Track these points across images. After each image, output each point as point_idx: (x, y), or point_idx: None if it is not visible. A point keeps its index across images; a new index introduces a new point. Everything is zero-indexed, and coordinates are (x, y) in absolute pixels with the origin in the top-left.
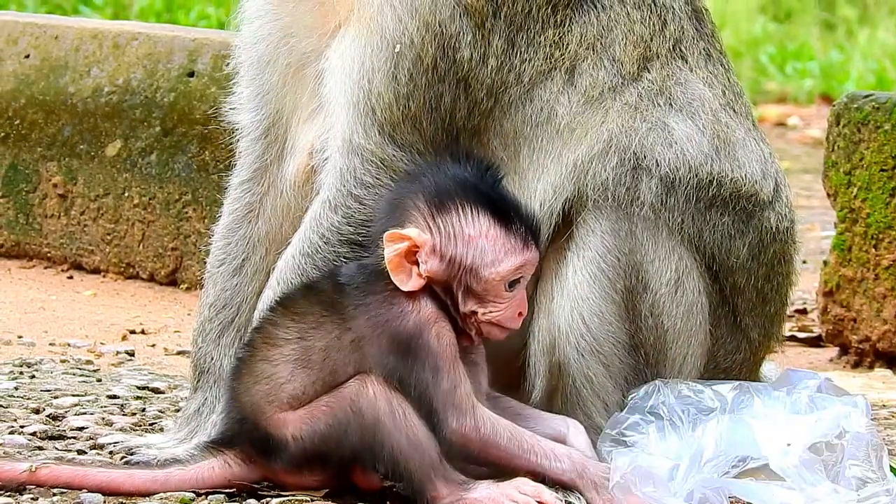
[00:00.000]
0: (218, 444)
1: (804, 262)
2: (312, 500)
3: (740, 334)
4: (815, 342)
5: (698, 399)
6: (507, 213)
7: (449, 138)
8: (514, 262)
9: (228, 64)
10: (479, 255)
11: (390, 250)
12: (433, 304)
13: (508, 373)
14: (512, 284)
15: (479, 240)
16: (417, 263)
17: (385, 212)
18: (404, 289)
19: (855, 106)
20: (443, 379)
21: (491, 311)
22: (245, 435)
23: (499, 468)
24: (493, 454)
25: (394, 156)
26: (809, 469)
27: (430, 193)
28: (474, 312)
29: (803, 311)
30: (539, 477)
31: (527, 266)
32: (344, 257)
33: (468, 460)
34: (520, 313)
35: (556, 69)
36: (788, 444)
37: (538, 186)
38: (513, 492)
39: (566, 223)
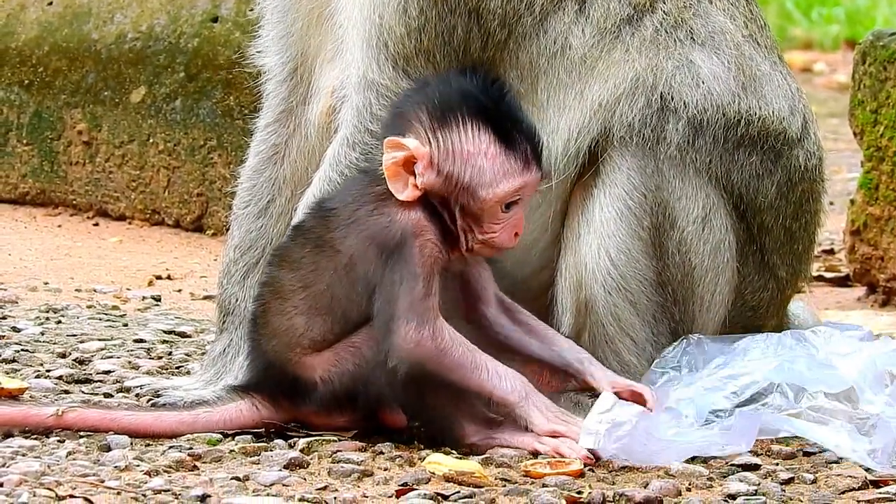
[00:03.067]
0: (244, 388)
1: (831, 203)
2: (340, 440)
3: (768, 272)
4: (842, 282)
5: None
6: (509, 131)
7: None
8: (512, 185)
9: (252, 9)
10: (476, 175)
11: (388, 157)
12: (423, 216)
13: (536, 310)
14: (509, 206)
15: (477, 158)
16: (415, 174)
17: (388, 119)
18: (399, 197)
19: (881, 44)
20: (415, 286)
21: (486, 232)
22: (272, 380)
23: (446, 384)
24: (445, 365)
25: None
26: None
27: (433, 105)
28: (469, 230)
29: (830, 252)
30: (486, 396)
31: (526, 188)
32: None
33: (416, 372)
34: (516, 234)
35: None
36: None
37: (560, 123)
38: (537, 439)
39: (592, 161)
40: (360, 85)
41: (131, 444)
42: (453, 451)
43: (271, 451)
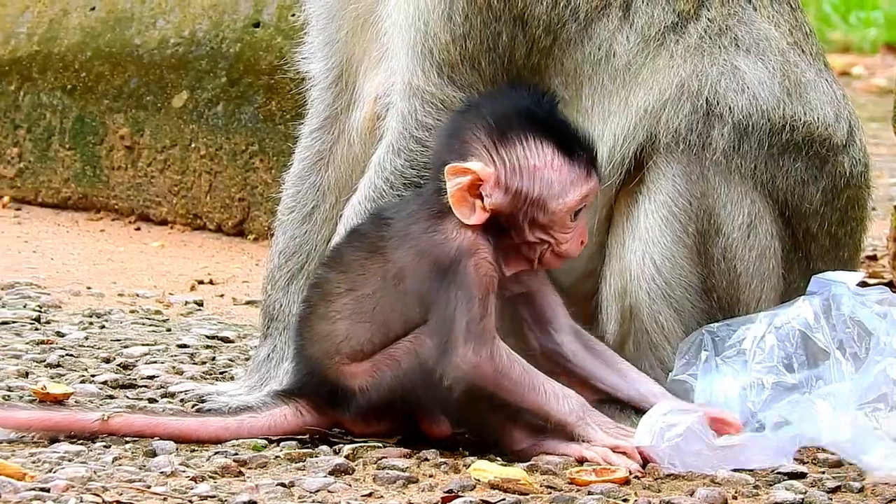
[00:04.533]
0: (288, 394)
1: (873, 208)
2: (385, 446)
3: None
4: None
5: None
6: (569, 141)
7: (509, 78)
8: (580, 192)
9: (294, 14)
10: (545, 188)
11: (452, 184)
12: (478, 235)
13: (580, 317)
14: (576, 214)
15: (544, 171)
16: (481, 196)
17: (444, 144)
18: (468, 222)
19: None
20: (471, 306)
21: (556, 242)
22: (314, 386)
23: (504, 405)
24: (503, 387)
25: (454, 97)
26: None
27: (490, 124)
28: (538, 243)
29: (873, 258)
30: (543, 417)
31: (590, 195)
32: None
33: (472, 392)
34: (581, 242)
35: (611, 6)
36: None
37: (605, 130)
38: (584, 446)
39: (637, 167)
40: (406, 92)
41: (177, 449)
42: (499, 458)
43: (316, 457)
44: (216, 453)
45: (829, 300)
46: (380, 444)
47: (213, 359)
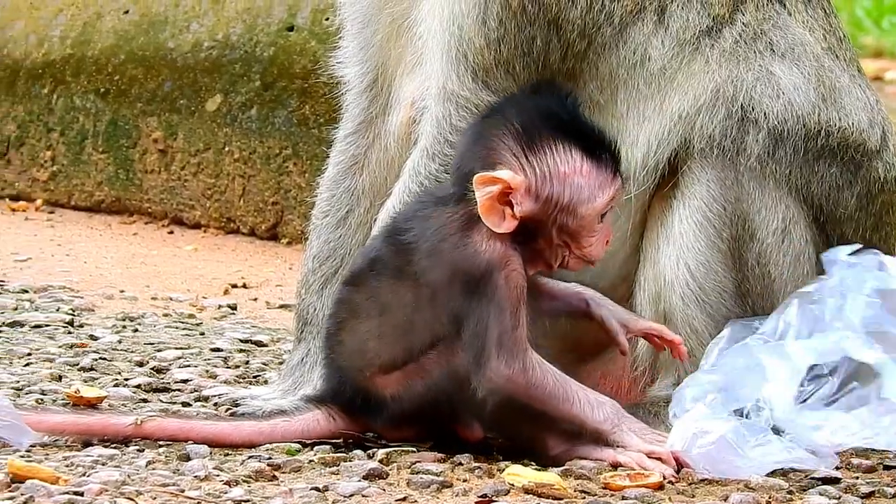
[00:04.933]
0: (321, 399)
1: None
2: (418, 451)
3: None
4: None
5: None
6: (595, 144)
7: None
8: (608, 195)
9: (328, 18)
10: (575, 193)
11: (482, 193)
12: (508, 245)
13: None
14: (603, 216)
15: (574, 177)
16: (510, 205)
17: (469, 151)
18: (498, 231)
19: None
20: (503, 319)
21: (583, 246)
22: (344, 395)
23: (537, 414)
24: (537, 398)
25: (488, 101)
26: None
27: (517, 130)
28: (563, 246)
29: None
30: (578, 426)
31: (617, 196)
32: None
33: (505, 404)
34: (606, 243)
35: (646, 10)
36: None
37: (640, 135)
38: (618, 451)
39: (671, 172)
40: (440, 96)
41: (210, 453)
42: (532, 463)
43: (350, 461)
44: (250, 457)
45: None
46: (413, 449)
47: (247, 363)
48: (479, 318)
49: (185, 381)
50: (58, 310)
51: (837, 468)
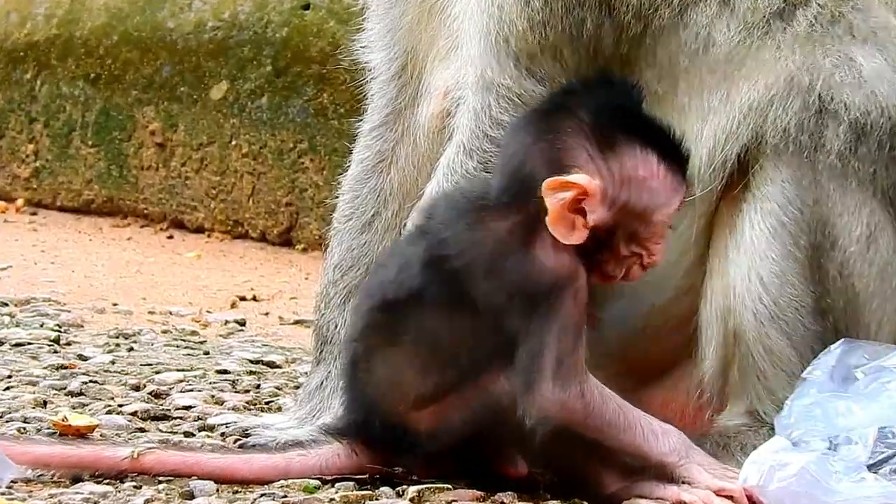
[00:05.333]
0: (342, 431)
1: None
2: (455, 488)
3: None
4: None
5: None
6: (668, 144)
7: (594, 70)
8: (679, 200)
9: None
10: (652, 199)
11: (554, 200)
12: (574, 258)
13: (677, 342)
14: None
15: (651, 180)
16: (582, 212)
17: (530, 151)
18: (567, 242)
19: None
20: (565, 339)
21: (651, 254)
22: (370, 430)
23: (594, 445)
24: (594, 426)
25: (532, 91)
26: None
27: (591, 128)
28: (630, 256)
29: None
30: (640, 457)
31: (684, 200)
32: None
33: (559, 432)
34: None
35: None
36: None
37: (704, 130)
38: (684, 488)
39: (741, 171)
40: (479, 85)
41: (217, 490)
42: (585, 502)
43: (377, 499)
44: (262, 495)
45: None
46: (449, 486)
47: (258, 387)
48: (538, 339)
49: (187, 408)
50: (42, 326)
51: None
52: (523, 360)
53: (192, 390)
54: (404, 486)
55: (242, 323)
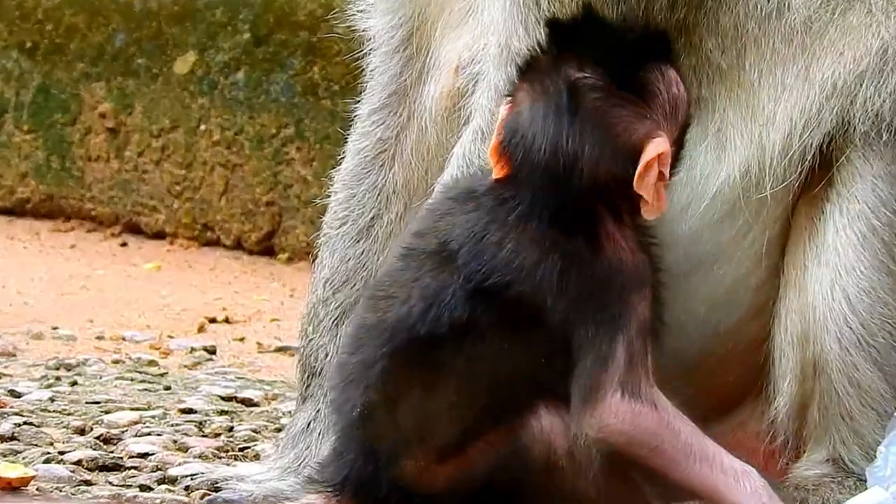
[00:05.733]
0: (335, 484)
1: None
2: None
3: None
4: None
5: None
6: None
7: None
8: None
9: None
10: (686, 104)
11: (649, 183)
12: (637, 246)
13: (745, 374)
14: None
15: (679, 89)
16: (662, 176)
17: (579, 133)
18: (652, 217)
19: None
20: (634, 344)
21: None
22: (374, 486)
23: (659, 477)
24: (666, 449)
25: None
26: None
27: (655, 80)
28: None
29: None
30: (714, 497)
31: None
32: None
33: (617, 458)
34: None
35: None
36: None
37: (777, 112)
38: None
39: (823, 165)
40: (501, 58)
41: None
42: None
43: None
44: None
45: None
46: None
47: (231, 429)
48: (606, 345)
49: (143, 456)
50: None
51: None
52: (587, 369)
53: (149, 434)
54: None
55: (212, 351)
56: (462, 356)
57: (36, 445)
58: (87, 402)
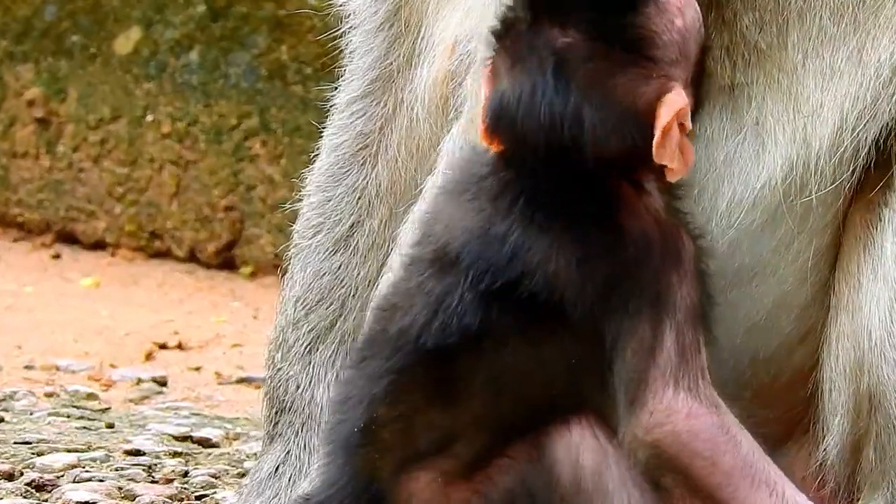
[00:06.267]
0: None
1: None
2: None
3: None
4: None
5: None
6: None
7: None
8: None
9: None
10: (699, 32)
11: (671, 144)
12: (662, 206)
13: (790, 409)
14: None
15: (689, 15)
16: (683, 128)
17: (588, 108)
18: (679, 178)
19: None
20: (684, 333)
21: None
22: None
23: (698, 489)
24: (719, 466)
25: None
26: None
27: (651, 22)
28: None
29: None
30: None
31: None
32: None
33: (665, 464)
34: None
35: None
36: None
37: (825, 101)
38: None
39: (881, 164)
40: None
41: None
42: None
43: None
44: None
45: None
46: None
47: (186, 474)
48: (648, 333)
49: None
50: None
51: None
52: (629, 362)
53: (89, 479)
54: None
55: (163, 382)
56: (479, 366)
57: None
58: (15, 443)
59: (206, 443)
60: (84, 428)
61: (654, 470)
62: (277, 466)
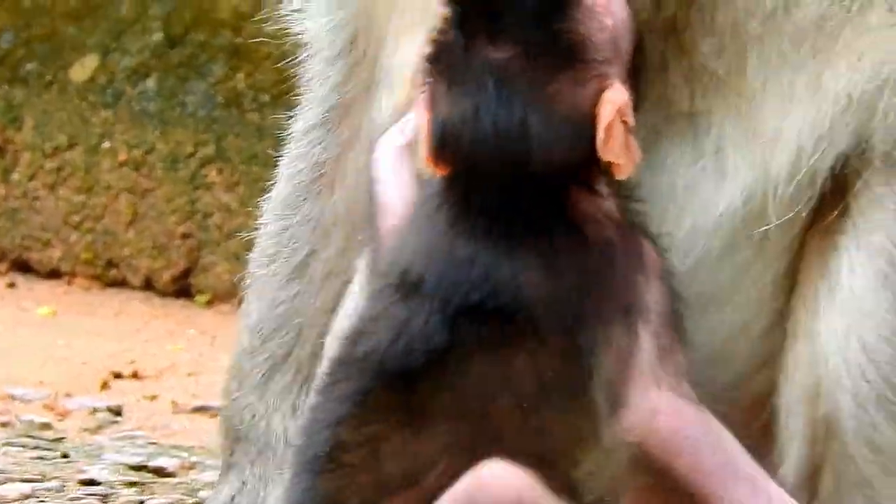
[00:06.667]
0: None
1: None
2: None
3: None
4: None
5: None
6: None
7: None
8: None
9: None
10: (626, 24)
11: (617, 144)
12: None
13: (745, 437)
14: None
15: (616, 12)
16: (627, 125)
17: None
18: (628, 175)
19: None
20: (660, 339)
21: None
22: None
23: (681, 487)
24: (704, 463)
25: None
26: None
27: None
28: None
29: None
30: None
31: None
32: None
33: (644, 463)
34: None
35: None
36: None
37: (783, 127)
38: None
39: (837, 191)
40: None
41: None
42: None
43: None
44: None
45: None
46: None
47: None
48: (625, 338)
49: None
50: None
51: None
52: (608, 368)
53: None
54: None
55: (118, 411)
56: (444, 389)
57: None
58: None
59: (161, 472)
60: (39, 458)
61: (638, 469)
62: (233, 496)
